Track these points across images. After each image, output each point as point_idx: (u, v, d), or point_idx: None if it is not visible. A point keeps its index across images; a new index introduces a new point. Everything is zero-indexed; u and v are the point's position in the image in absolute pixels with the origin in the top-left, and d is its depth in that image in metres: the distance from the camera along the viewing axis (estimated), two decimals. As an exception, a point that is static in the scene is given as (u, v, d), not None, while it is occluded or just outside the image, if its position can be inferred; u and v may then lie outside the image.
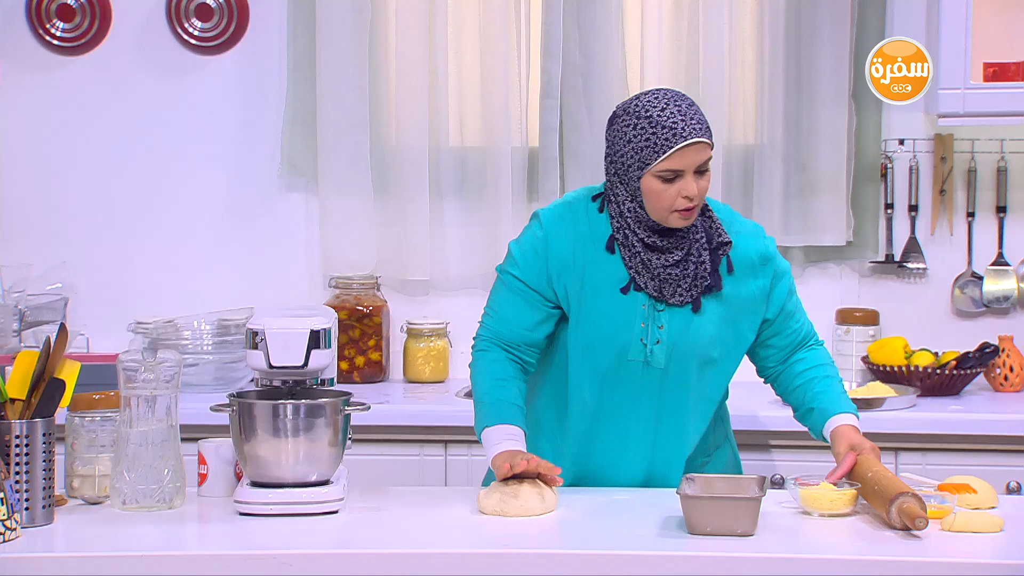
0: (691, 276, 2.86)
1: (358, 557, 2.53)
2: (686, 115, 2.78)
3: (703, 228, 2.88)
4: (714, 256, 2.88)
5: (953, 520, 2.60)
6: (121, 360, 2.76)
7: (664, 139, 2.76)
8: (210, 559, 2.53)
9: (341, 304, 4.20)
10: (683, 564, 2.48)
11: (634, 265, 2.86)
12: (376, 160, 4.28)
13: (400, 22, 4.25)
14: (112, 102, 4.35)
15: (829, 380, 2.98)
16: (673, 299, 2.86)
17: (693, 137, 2.77)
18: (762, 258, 2.93)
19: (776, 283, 2.95)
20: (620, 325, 2.88)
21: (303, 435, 2.74)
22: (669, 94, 2.82)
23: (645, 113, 2.78)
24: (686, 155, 2.77)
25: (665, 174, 2.78)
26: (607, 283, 2.88)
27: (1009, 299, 4.20)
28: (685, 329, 2.88)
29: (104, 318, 4.24)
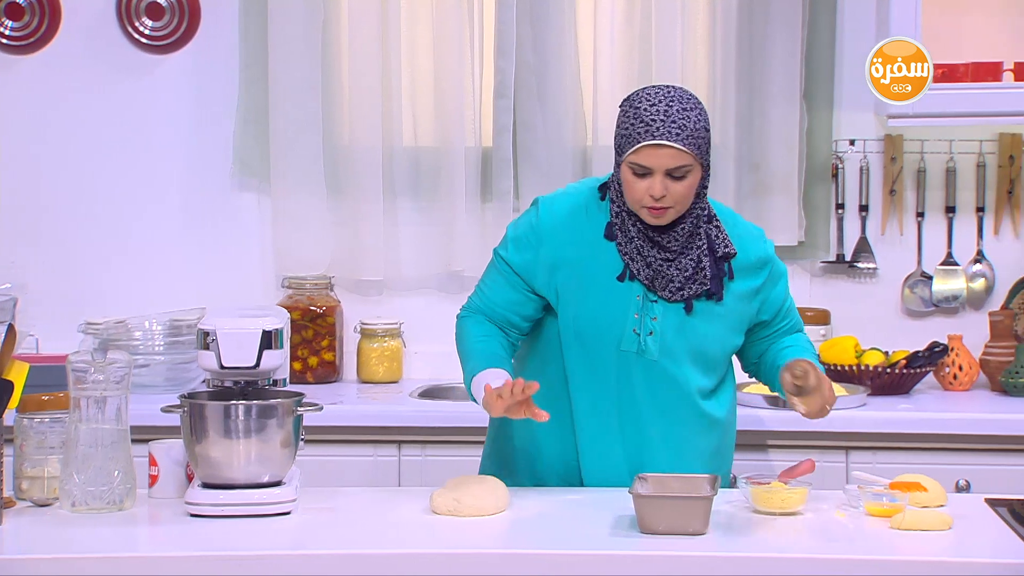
0: (686, 277, 2.89)
1: (311, 558, 2.52)
2: (669, 116, 2.79)
3: (707, 236, 2.91)
4: (718, 265, 2.91)
5: (903, 518, 2.62)
6: (71, 361, 2.74)
7: (636, 133, 2.80)
8: (161, 561, 2.52)
9: (294, 304, 4.19)
10: (635, 563, 2.49)
11: (629, 252, 2.89)
12: (329, 160, 4.27)
13: (353, 21, 4.24)
14: (62, 102, 4.32)
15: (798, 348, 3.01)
16: (664, 293, 2.89)
17: (662, 139, 2.78)
18: (760, 261, 2.97)
19: (772, 285, 3.00)
20: (615, 314, 2.90)
21: (255, 436, 2.73)
22: (672, 94, 2.83)
23: (637, 103, 2.82)
24: (655, 155, 2.79)
25: (635, 167, 2.81)
26: (603, 272, 2.91)
27: (958, 299, 4.24)
28: (678, 325, 2.91)
29: (54, 318, 4.21)
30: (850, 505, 2.76)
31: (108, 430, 2.73)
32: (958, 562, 2.47)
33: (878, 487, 2.76)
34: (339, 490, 2.98)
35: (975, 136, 4.21)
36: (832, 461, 3.68)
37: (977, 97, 3.93)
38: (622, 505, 2.70)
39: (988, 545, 2.57)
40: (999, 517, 2.72)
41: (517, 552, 2.54)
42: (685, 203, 2.85)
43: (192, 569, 2.49)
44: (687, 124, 2.79)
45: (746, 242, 2.96)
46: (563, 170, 4.22)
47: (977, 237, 4.24)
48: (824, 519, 2.70)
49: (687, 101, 2.82)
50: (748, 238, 2.98)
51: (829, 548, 2.55)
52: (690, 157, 2.80)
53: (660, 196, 2.80)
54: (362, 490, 3.04)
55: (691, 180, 2.82)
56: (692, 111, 2.81)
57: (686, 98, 2.83)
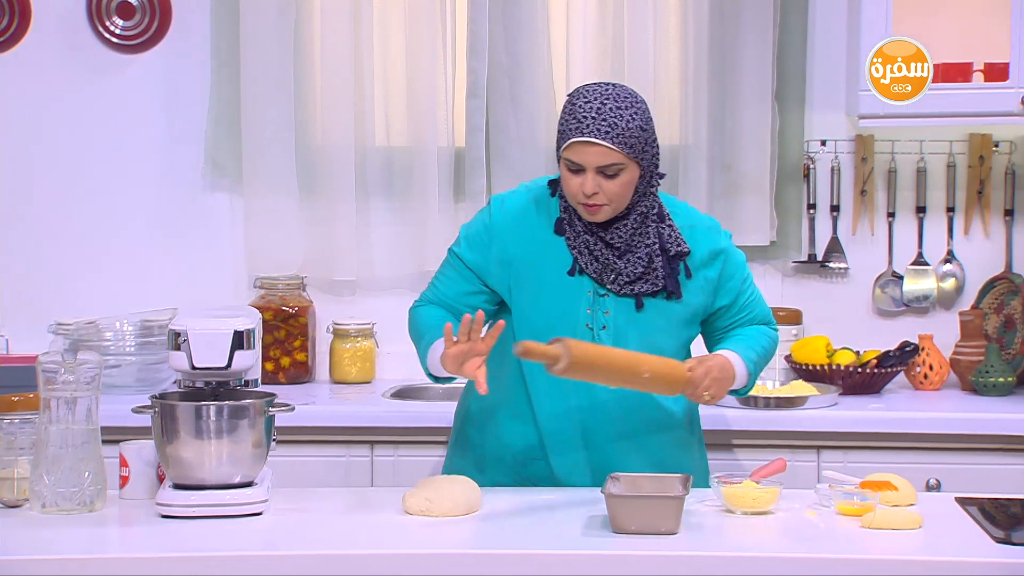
0: (636, 274, 2.90)
1: (282, 559, 2.52)
2: (601, 114, 2.80)
3: (657, 235, 2.91)
4: (672, 264, 2.91)
5: (873, 517, 2.63)
6: (41, 361, 2.73)
7: (568, 128, 2.82)
8: (132, 562, 2.51)
9: (266, 304, 4.18)
10: (607, 563, 2.49)
11: (577, 246, 2.90)
12: (301, 160, 4.26)
13: (325, 21, 4.23)
14: (32, 102, 4.30)
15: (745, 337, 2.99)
16: (612, 287, 2.90)
17: (590, 136, 2.79)
18: (712, 253, 2.97)
19: (727, 275, 2.98)
20: (567, 309, 2.92)
21: (226, 436, 2.72)
22: (609, 91, 2.84)
23: (575, 99, 2.84)
24: (584, 152, 2.80)
25: (569, 163, 2.83)
26: (555, 267, 2.92)
27: (929, 298, 4.26)
28: (630, 319, 2.92)
29: (24, 319, 4.19)
30: (821, 504, 2.77)
31: (78, 431, 2.72)
32: (928, 561, 2.48)
33: (849, 486, 2.77)
34: (311, 490, 2.97)
35: (945, 136, 4.23)
36: (803, 460, 3.69)
37: (947, 98, 3.94)
38: (594, 505, 2.71)
39: (958, 544, 2.58)
40: (969, 516, 2.73)
41: (489, 552, 2.54)
42: (621, 200, 2.85)
43: (163, 570, 2.48)
44: (618, 123, 2.80)
45: (699, 235, 2.97)
46: (536, 170, 4.21)
47: (947, 237, 4.26)
48: (795, 518, 2.71)
49: (623, 100, 2.83)
50: (701, 231, 2.98)
51: (800, 547, 2.56)
52: (620, 155, 2.81)
53: (591, 193, 2.81)
54: (334, 490, 3.04)
55: (625, 178, 2.83)
56: (627, 110, 2.81)
57: (623, 96, 2.83)
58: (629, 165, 2.83)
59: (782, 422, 3.74)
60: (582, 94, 2.84)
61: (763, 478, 2.82)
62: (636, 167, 2.84)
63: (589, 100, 2.82)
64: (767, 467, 2.88)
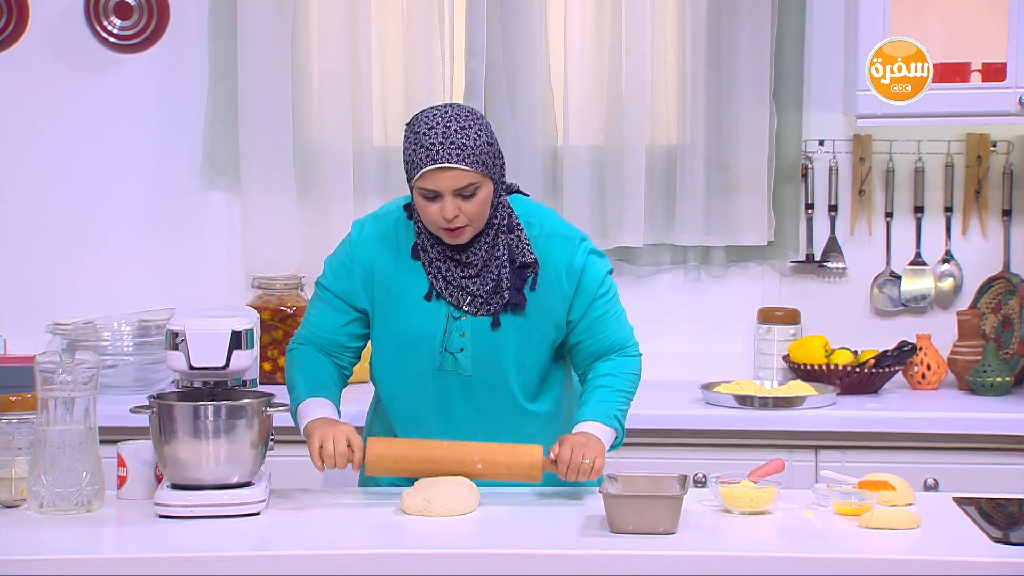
0: (488, 292, 2.88)
1: (280, 559, 2.52)
2: (448, 138, 2.76)
3: (505, 247, 2.87)
4: (518, 275, 2.88)
5: (871, 517, 2.63)
6: (39, 362, 2.73)
7: (418, 158, 2.78)
8: (129, 562, 2.51)
9: (264, 304, 4.18)
10: (605, 563, 2.49)
11: (432, 271, 2.89)
12: (299, 159, 4.26)
13: (322, 20, 4.23)
14: (30, 101, 4.30)
15: (599, 389, 2.91)
16: (469, 309, 2.89)
17: (443, 162, 2.75)
18: (568, 267, 2.90)
19: (581, 289, 2.91)
20: (424, 333, 2.90)
21: (224, 437, 2.72)
22: (449, 113, 2.80)
23: (417, 128, 2.80)
24: (440, 178, 2.77)
25: (424, 192, 2.80)
26: (412, 291, 2.91)
27: (926, 298, 4.26)
28: (487, 340, 2.90)
29: (21, 319, 4.19)
30: (819, 504, 2.77)
31: (76, 431, 2.72)
32: (926, 560, 2.48)
33: (847, 486, 2.78)
34: (309, 491, 2.97)
35: (943, 136, 4.23)
36: (801, 460, 3.69)
37: (945, 98, 3.94)
38: (592, 505, 2.71)
39: (956, 543, 2.59)
40: (967, 516, 2.73)
41: (487, 552, 2.54)
42: (481, 219, 2.83)
43: (161, 570, 2.48)
44: (467, 143, 2.77)
45: (554, 247, 2.91)
46: (533, 170, 4.22)
47: (945, 237, 4.26)
48: (793, 518, 2.71)
49: (465, 119, 2.80)
50: (557, 241, 2.91)
51: (798, 547, 2.56)
52: (476, 175, 2.78)
53: (453, 217, 2.79)
54: (331, 491, 3.03)
55: (482, 196, 2.80)
56: (471, 128, 2.79)
57: (464, 115, 2.80)
58: (483, 182, 2.80)
59: (780, 422, 3.74)
60: (423, 121, 2.80)
61: (761, 478, 2.82)
62: (490, 183, 2.82)
63: (432, 126, 2.78)
64: (765, 467, 2.88)
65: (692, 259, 4.28)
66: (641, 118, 4.18)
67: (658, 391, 3.99)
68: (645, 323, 4.20)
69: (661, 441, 3.73)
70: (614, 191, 4.22)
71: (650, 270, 4.30)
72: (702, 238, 4.23)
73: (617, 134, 4.21)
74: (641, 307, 4.23)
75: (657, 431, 3.73)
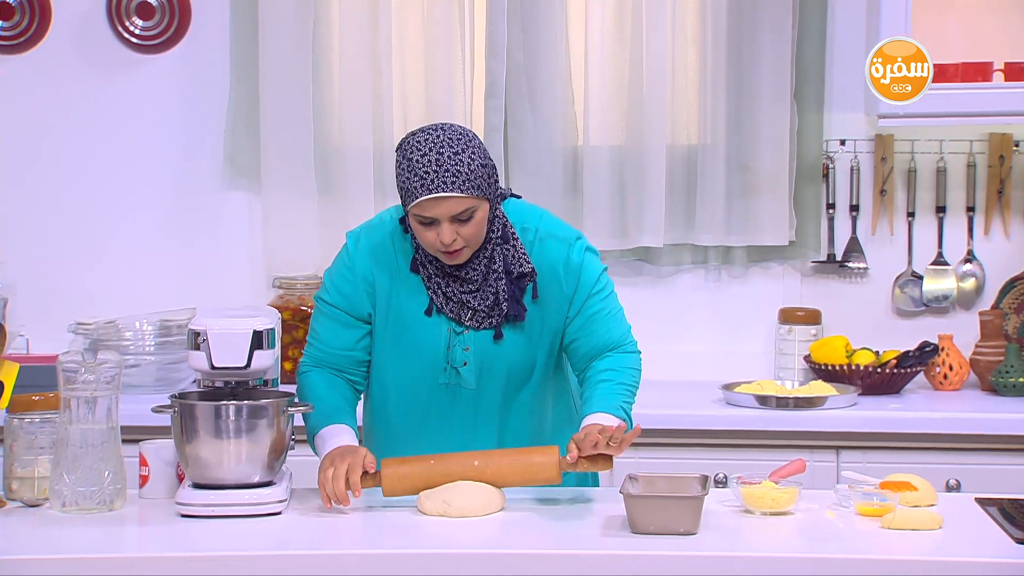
0: (488, 306, 2.85)
1: (300, 558, 2.52)
2: (442, 166, 2.71)
3: (501, 258, 2.84)
4: (516, 285, 2.85)
5: (893, 518, 2.62)
6: (61, 361, 2.74)
7: (413, 187, 2.73)
8: (151, 561, 2.51)
9: (285, 304, 4.19)
10: (626, 563, 2.49)
11: (432, 287, 2.86)
12: (319, 160, 4.27)
13: (343, 21, 4.24)
14: (52, 101, 4.31)
15: (601, 384, 2.86)
16: (471, 323, 2.86)
17: (439, 192, 2.71)
18: (565, 267, 2.87)
19: (579, 288, 2.88)
20: (426, 347, 2.88)
21: (245, 436, 2.72)
22: (441, 137, 2.74)
23: (409, 154, 2.74)
24: (436, 207, 2.72)
25: (420, 218, 2.76)
26: (412, 305, 2.88)
27: (948, 298, 4.24)
28: (489, 352, 2.88)
29: (44, 319, 4.21)
30: (840, 505, 2.76)
31: (98, 430, 2.73)
32: (948, 561, 2.47)
33: (868, 487, 2.77)
34: (330, 490, 2.97)
35: (965, 136, 4.21)
36: (822, 461, 3.68)
37: (967, 97, 3.93)
38: (612, 505, 2.71)
39: (978, 544, 2.58)
40: (989, 516, 2.72)
41: (508, 552, 2.53)
42: (479, 238, 2.80)
43: (182, 570, 2.48)
44: (461, 169, 2.72)
45: (550, 249, 2.88)
46: (553, 170, 4.22)
47: (967, 237, 4.25)
48: (815, 519, 2.71)
49: (457, 143, 2.74)
50: (553, 244, 2.88)
51: (820, 548, 2.55)
52: (472, 199, 2.74)
53: (451, 242, 2.75)
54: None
55: (479, 217, 2.77)
56: (464, 152, 2.74)
57: (456, 139, 2.74)
58: (480, 204, 2.76)
59: (801, 422, 3.74)
60: (415, 147, 2.74)
61: (782, 478, 2.82)
62: (486, 203, 2.79)
63: (424, 152, 2.73)
64: (786, 467, 2.87)
65: (713, 259, 4.28)
66: (662, 118, 4.17)
67: (679, 391, 3.99)
68: (665, 323, 4.23)
69: (682, 441, 3.73)
70: (634, 191, 4.21)
71: (670, 270, 4.29)
72: (723, 238, 4.22)
73: (637, 134, 4.20)
74: (661, 307, 4.26)
75: (678, 431, 3.73)
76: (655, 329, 4.23)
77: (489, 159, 2.80)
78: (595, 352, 2.90)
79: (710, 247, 4.26)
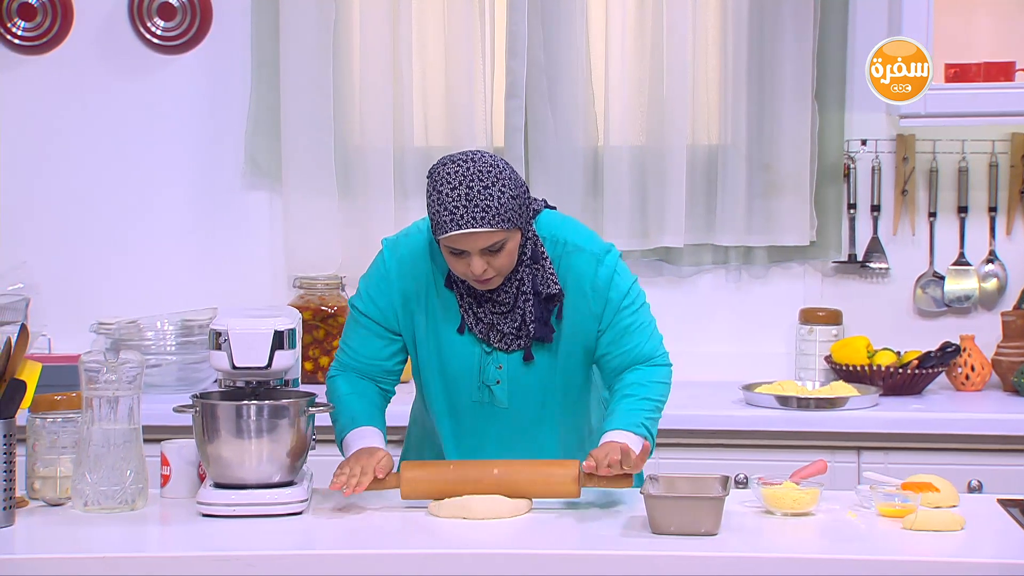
0: (516, 327, 2.84)
1: (322, 558, 2.53)
2: (472, 200, 2.68)
3: (531, 279, 2.82)
4: (544, 307, 2.83)
5: (915, 519, 2.61)
6: (83, 361, 2.75)
7: (443, 220, 2.70)
8: (172, 561, 2.52)
9: (305, 304, 4.19)
10: (647, 564, 2.49)
11: (464, 306, 2.86)
12: (340, 160, 4.28)
13: (364, 21, 4.24)
14: (73, 102, 4.33)
15: (626, 399, 2.84)
16: (500, 345, 2.86)
17: (468, 228, 2.68)
18: (592, 283, 2.84)
19: (609, 303, 2.85)
20: (460, 365, 2.88)
21: (266, 436, 2.73)
22: (471, 170, 2.70)
23: (439, 186, 2.71)
24: (465, 241, 2.70)
25: (451, 249, 2.74)
26: (447, 321, 2.88)
27: (970, 299, 4.23)
28: (521, 373, 2.87)
29: (66, 319, 4.22)
30: (862, 506, 2.75)
31: (120, 430, 2.74)
32: (970, 562, 2.46)
33: (890, 487, 2.76)
34: (350, 490, 2.97)
35: (987, 136, 4.20)
36: (844, 462, 3.67)
37: (989, 97, 3.92)
38: (633, 505, 2.71)
39: (1000, 545, 2.57)
40: (1011, 518, 2.71)
41: (528, 552, 2.54)
42: (511, 267, 2.78)
43: (203, 569, 2.49)
44: (491, 204, 2.69)
45: (578, 263, 2.84)
46: (574, 170, 4.22)
47: (989, 237, 4.23)
48: (836, 520, 2.70)
49: (487, 176, 2.70)
50: (581, 258, 2.85)
51: (841, 548, 2.54)
52: (502, 233, 2.71)
53: (481, 272, 2.73)
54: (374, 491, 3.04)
55: (511, 247, 2.74)
56: (494, 186, 2.70)
57: (486, 172, 2.70)
58: (511, 235, 2.74)
59: (822, 423, 3.73)
60: (445, 180, 2.69)
61: (803, 479, 2.81)
62: (518, 232, 2.77)
63: (455, 186, 2.68)
64: (807, 468, 2.87)
65: (733, 259, 4.27)
66: (682, 118, 4.17)
67: (699, 392, 3.98)
68: (686, 324, 4.23)
69: (702, 442, 3.72)
70: (655, 191, 4.21)
71: (691, 270, 4.29)
72: (744, 238, 4.21)
73: (658, 134, 4.20)
74: (682, 307, 4.25)
75: (698, 432, 3.72)
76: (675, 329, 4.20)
77: (520, 187, 2.76)
78: (624, 366, 2.88)
79: (731, 247, 4.25)
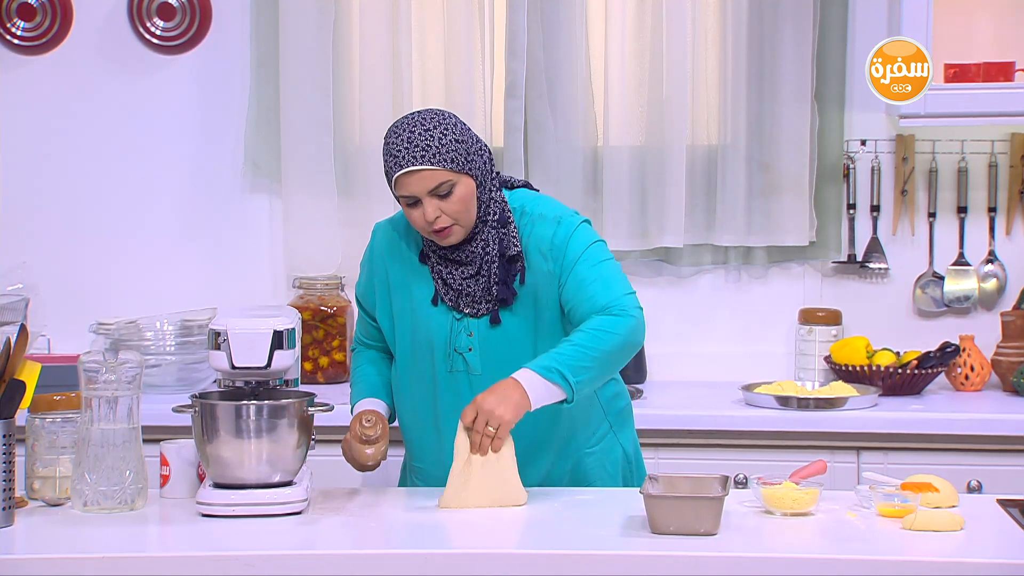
0: (483, 290, 2.89)
1: (322, 558, 2.53)
2: (412, 142, 2.78)
3: (495, 242, 2.88)
4: (507, 269, 2.88)
5: (914, 519, 2.61)
6: (82, 361, 2.75)
7: (389, 167, 2.82)
8: (172, 561, 2.52)
9: (305, 304, 4.19)
10: (646, 564, 2.49)
11: (436, 275, 2.92)
12: (340, 160, 4.28)
13: (364, 22, 4.24)
14: (73, 102, 4.33)
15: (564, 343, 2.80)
16: (469, 310, 2.90)
17: (407, 166, 2.77)
18: (550, 244, 2.87)
19: (565, 260, 2.86)
20: (433, 335, 2.93)
21: (266, 436, 2.73)
22: (415, 118, 2.82)
23: (387, 139, 2.83)
24: (410, 182, 2.79)
25: (405, 199, 2.82)
26: (421, 295, 2.95)
27: (970, 299, 4.23)
28: (490, 338, 2.91)
29: (65, 319, 4.22)
30: (861, 506, 2.75)
31: (120, 430, 2.74)
32: (970, 563, 2.46)
33: (890, 488, 2.76)
34: (350, 490, 2.98)
35: (987, 136, 4.20)
36: (843, 462, 3.67)
37: (989, 97, 3.92)
38: (633, 505, 2.71)
39: (1000, 546, 2.57)
40: (1011, 518, 2.71)
41: (528, 552, 2.54)
42: (466, 216, 2.83)
43: (203, 569, 2.49)
44: (431, 143, 2.77)
45: (538, 228, 2.89)
46: (573, 170, 4.22)
47: (989, 237, 4.23)
48: (836, 520, 2.70)
49: (430, 121, 2.80)
50: (542, 224, 2.89)
51: (841, 549, 2.54)
52: (445, 172, 2.79)
53: (434, 218, 2.80)
54: (374, 490, 3.04)
55: (460, 193, 2.80)
56: (435, 129, 2.79)
57: (429, 118, 2.81)
58: (460, 179, 2.81)
59: (822, 423, 3.73)
60: (392, 131, 2.82)
61: (803, 479, 2.81)
62: (468, 179, 2.82)
63: (400, 133, 2.80)
64: (807, 468, 2.87)
65: (733, 259, 4.27)
66: (682, 118, 4.17)
67: (699, 392, 3.98)
68: (685, 324, 4.23)
69: (702, 442, 3.72)
70: (655, 191, 4.21)
71: (691, 270, 4.29)
72: (743, 238, 4.22)
73: (658, 134, 4.20)
74: (681, 308, 4.25)
75: (698, 432, 3.72)
76: (675, 329, 4.25)
77: (468, 137, 2.84)
78: (585, 316, 2.85)
79: (730, 247, 4.25)
